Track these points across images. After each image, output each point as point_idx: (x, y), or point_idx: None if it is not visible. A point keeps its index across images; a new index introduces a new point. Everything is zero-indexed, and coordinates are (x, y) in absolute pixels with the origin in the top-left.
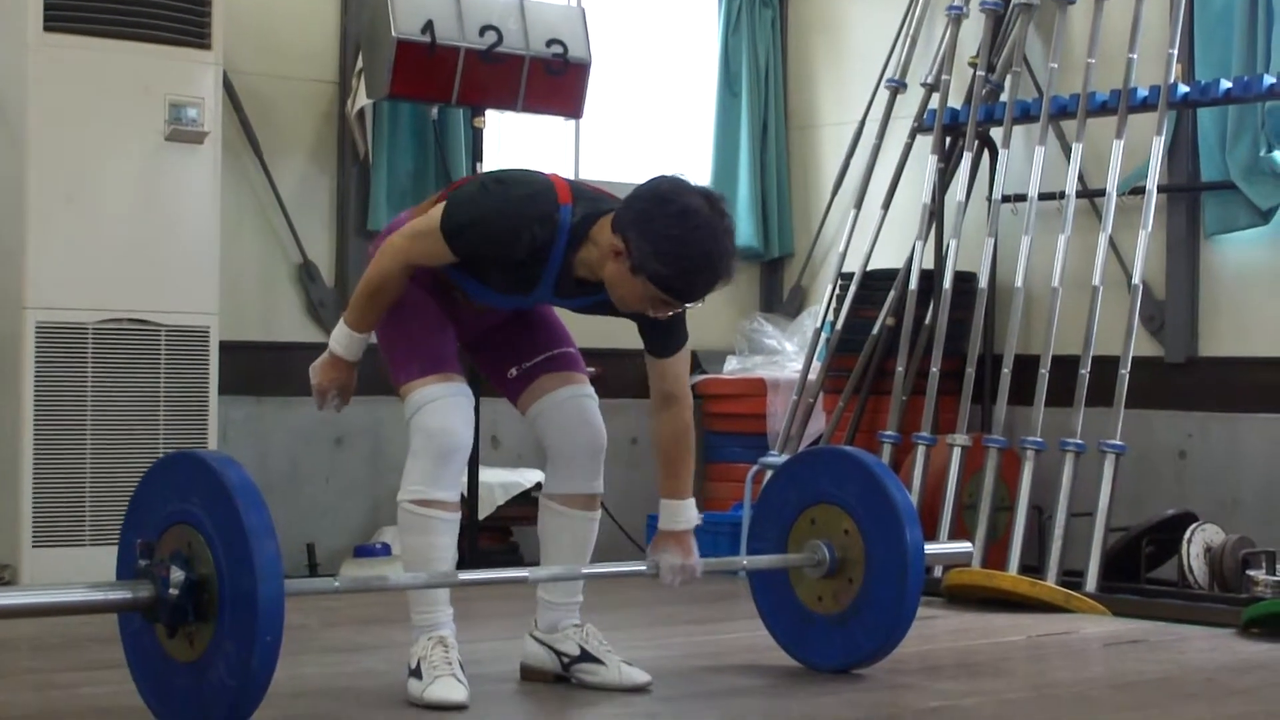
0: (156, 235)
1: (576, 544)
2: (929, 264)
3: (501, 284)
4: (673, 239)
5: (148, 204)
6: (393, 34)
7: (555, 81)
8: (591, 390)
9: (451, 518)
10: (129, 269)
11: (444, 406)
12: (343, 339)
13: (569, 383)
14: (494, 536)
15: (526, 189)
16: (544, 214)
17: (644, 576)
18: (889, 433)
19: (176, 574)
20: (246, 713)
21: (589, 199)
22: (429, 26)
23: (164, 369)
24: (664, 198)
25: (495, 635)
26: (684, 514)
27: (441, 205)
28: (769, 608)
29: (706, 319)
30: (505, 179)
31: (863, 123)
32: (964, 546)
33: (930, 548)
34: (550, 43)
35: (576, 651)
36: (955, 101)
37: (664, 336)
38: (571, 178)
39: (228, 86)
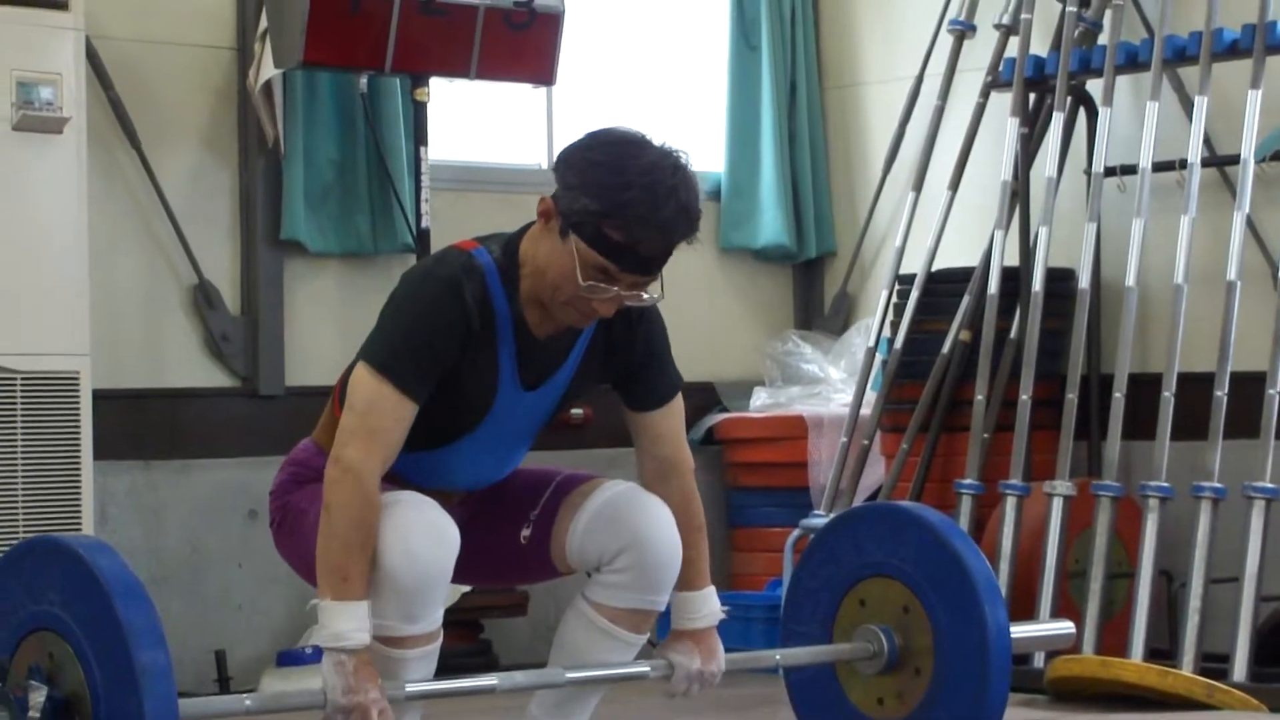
0: (4, 254)
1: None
2: (1013, 259)
3: (473, 396)
4: (603, 165)
5: None
6: None
7: (519, 38)
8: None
9: (429, 651)
10: None
11: (403, 519)
12: (348, 619)
13: (599, 485)
14: (460, 633)
15: (421, 267)
16: (457, 266)
17: (651, 681)
18: (968, 481)
19: (36, 695)
20: None
21: (502, 235)
22: None
23: (20, 429)
24: (592, 135)
25: None
26: (704, 607)
27: (356, 368)
28: (814, 714)
29: (724, 339)
30: (398, 288)
31: (920, 78)
32: (1066, 627)
33: (1021, 629)
34: None
35: None
36: (1040, 47)
37: (645, 376)
38: None
39: (92, 58)
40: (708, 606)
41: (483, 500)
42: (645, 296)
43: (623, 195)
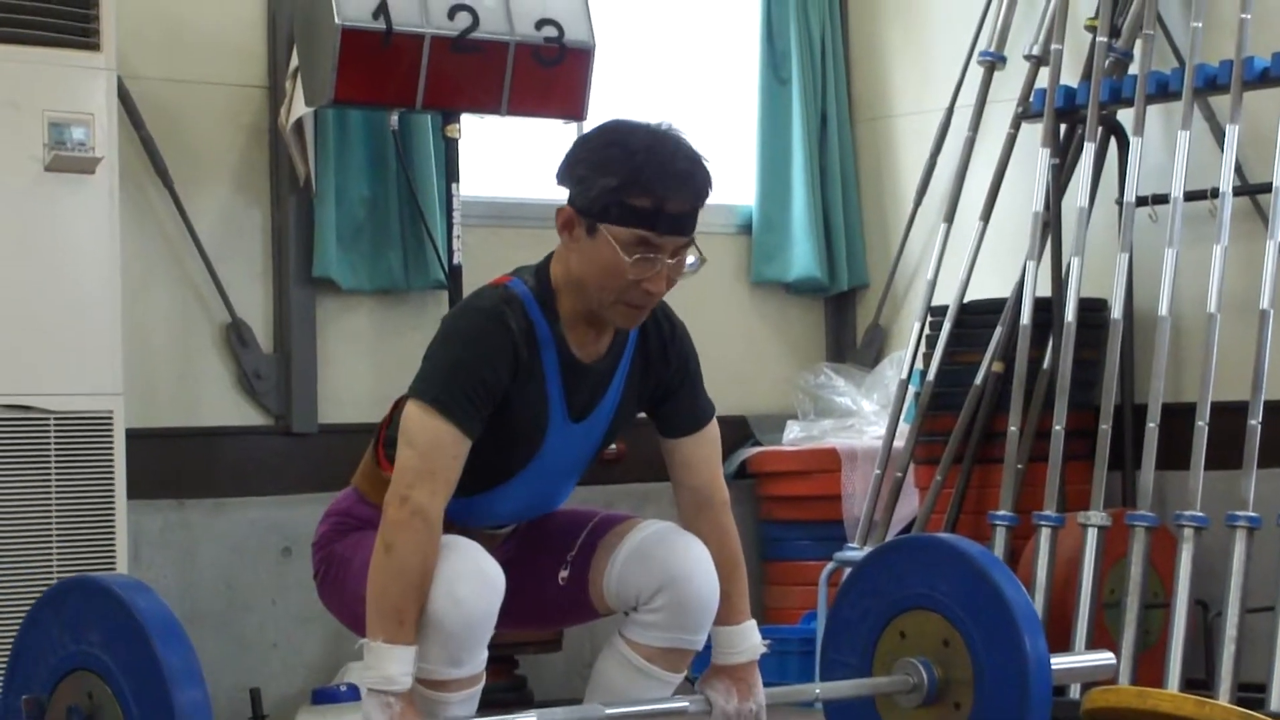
0: (38, 294)
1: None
2: (1045, 290)
3: (525, 432)
4: (606, 148)
5: (24, 253)
6: (336, 20)
7: (550, 74)
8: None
9: (472, 694)
10: (3, 340)
11: (451, 565)
12: (399, 662)
13: (635, 525)
14: (495, 669)
15: (459, 306)
16: (496, 298)
17: (690, 717)
18: (1002, 513)
19: None
20: None
21: (529, 267)
22: (383, 9)
23: (55, 468)
24: (579, 138)
25: None
26: (744, 641)
27: (408, 406)
28: None
29: (756, 372)
30: (440, 328)
31: (950, 110)
32: (1105, 657)
33: (1061, 660)
34: (541, 24)
35: None
36: (1070, 78)
37: (679, 398)
38: None
39: (124, 97)
40: (747, 641)
41: (520, 543)
42: (690, 261)
43: (635, 162)
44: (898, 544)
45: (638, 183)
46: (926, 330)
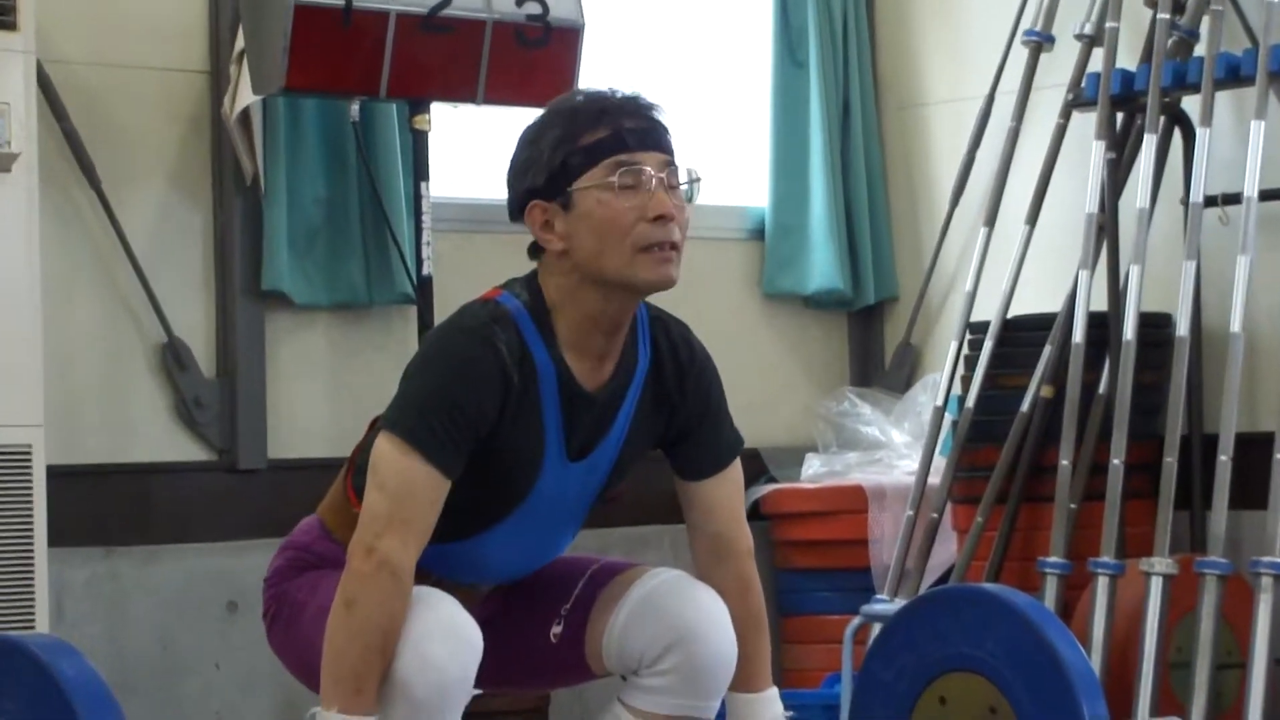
0: None
1: None
2: (1100, 304)
3: (515, 470)
4: (544, 114)
5: None
6: None
7: (533, 57)
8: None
9: None
10: None
11: (419, 620)
12: None
13: (642, 573)
14: None
15: (442, 324)
16: (484, 315)
17: None
18: (1054, 560)
19: None
20: None
21: (519, 279)
22: None
23: None
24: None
25: None
26: (765, 712)
27: (378, 439)
28: None
29: (770, 398)
30: (419, 350)
31: (991, 97)
32: None
33: None
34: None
35: None
36: (1128, 60)
37: (699, 436)
38: None
39: (44, 84)
40: (769, 712)
41: (507, 594)
42: (684, 176)
43: (570, 105)
44: (936, 595)
45: (584, 123)
46: (965, 350)
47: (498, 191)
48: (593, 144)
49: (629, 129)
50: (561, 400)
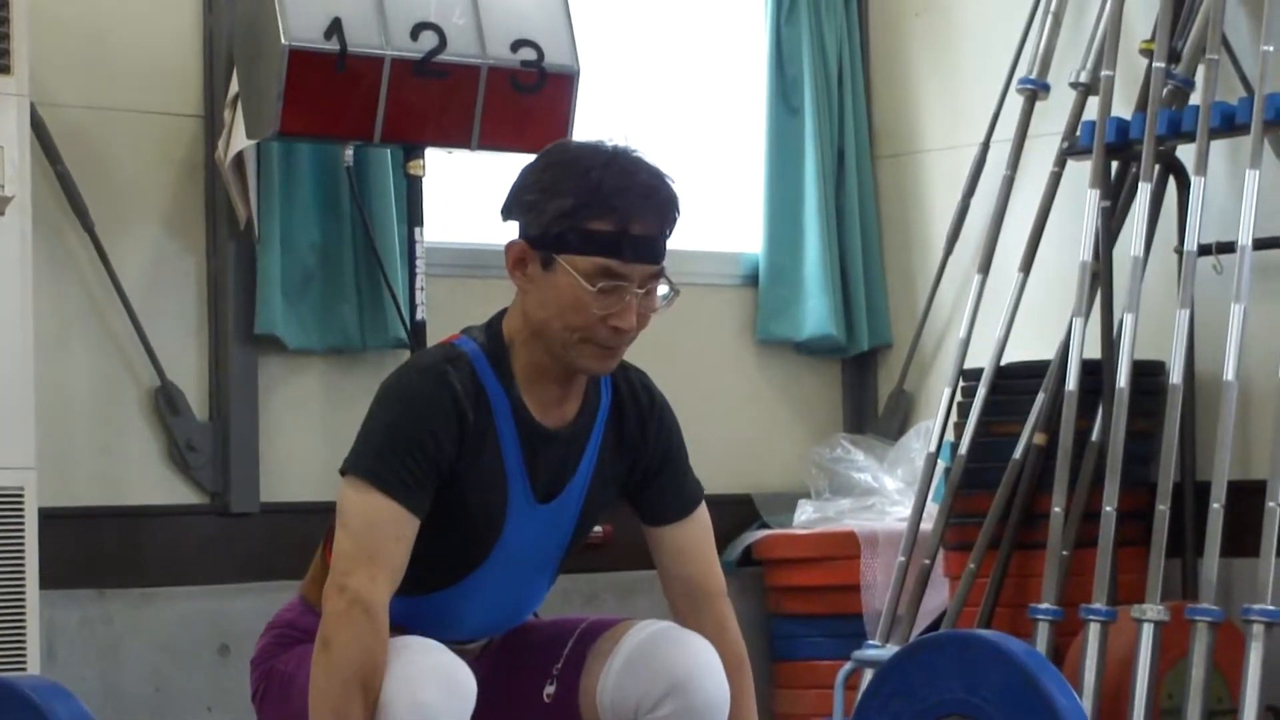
0: None
1: None
2: (1094, 351)
3: (481, 514)
4: (558, 167)
5: None
6: (282, 40)
7: (527, 102)
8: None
9: None
10: None
11: (411, 665)
12: None
13: (631, 626)
14: None
15: (400, 366)
16: (438, 355)
17: None
18: (1045, 606)
19: None
20: None
21: (478, 326)
22: (336, 28)
23: None
24: (528, 164)
25: None
26: None
27: (342, 485)
28: None
29: (763, 444)
30: (376, 395)
31: (986, 145)
32: None
33: None
34: (518, 45)
35: None
36: (1123, 109)
37: (661, 483)
38: None
39: (38, 127)
40: None
41: (495, 661)
42: (663, 293)
43: (591, 179)
44: (930, 641)
45: (596, 202)
46: (958, 397)
47: (491, 236)
48: (593, 234)
49: (632, 236)
50: (520, 436)
